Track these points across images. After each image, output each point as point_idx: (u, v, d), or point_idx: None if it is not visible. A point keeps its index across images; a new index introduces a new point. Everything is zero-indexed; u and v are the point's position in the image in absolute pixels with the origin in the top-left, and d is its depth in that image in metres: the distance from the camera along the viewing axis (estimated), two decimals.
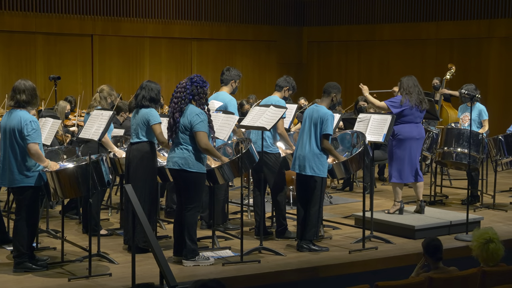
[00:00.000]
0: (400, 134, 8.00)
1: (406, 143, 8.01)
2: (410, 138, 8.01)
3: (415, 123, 8.08)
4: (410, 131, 8.02)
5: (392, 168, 8.11)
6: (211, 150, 6.38)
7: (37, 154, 6.00)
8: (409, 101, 7.97)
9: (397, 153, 8.06)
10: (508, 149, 9.10)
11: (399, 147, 8.04)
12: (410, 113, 8.01)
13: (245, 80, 16.27)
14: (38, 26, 14.23)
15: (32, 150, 5.98)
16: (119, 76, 15.26)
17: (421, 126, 8.19)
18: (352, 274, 6.61)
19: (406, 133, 8.00)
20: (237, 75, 7.89)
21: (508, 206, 9.33)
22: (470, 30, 15.11)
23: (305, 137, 7.00)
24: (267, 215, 7.92)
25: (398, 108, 7.98)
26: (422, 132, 8.19)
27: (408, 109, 7.99)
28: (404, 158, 8.03)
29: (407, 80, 8.11)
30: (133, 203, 5.09)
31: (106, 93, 7.69)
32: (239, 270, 6.30)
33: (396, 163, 8.07)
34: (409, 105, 7.97)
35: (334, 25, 17.38)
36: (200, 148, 6.32)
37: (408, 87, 8.04)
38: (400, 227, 7.65)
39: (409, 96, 7.99)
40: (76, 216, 8.24)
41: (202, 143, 6.29)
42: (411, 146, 8.03)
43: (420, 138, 8.14)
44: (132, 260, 5.10)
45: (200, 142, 6.29)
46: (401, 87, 8.10)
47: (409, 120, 8.02)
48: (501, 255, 5.11)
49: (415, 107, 8.00)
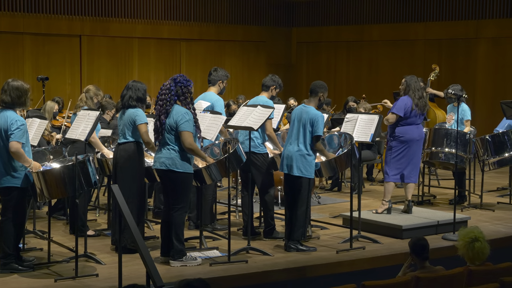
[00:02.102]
0: (402, 135, 8.02)
1: (407, 145, 8.04)
2: (411, 139, 8.04)
3: (416, 124, 8.10)
4: (411, 132, 8.04)
5: (390, 168, 8.11)
6: (195, 150, 6.36)
7: (17, 153, 5.94)
8: (416, 104, 7.99)
9: (398, 154, 8.06)
10: (495, 149, 9.14)
11: (400, 148, 8.05)
12: (413, 114, 8.03)
13: (234, 81, 16.28)
14: (26, 27, 14.16)
15: (13, 148, 5.92)
16: (108, 76, 15.22)
17: (421, 127, 8.22)
18: (339, 274, 6.61)
19: (407, 134, 8.03)
20: (224, 76, 7.89)
21: (495, 206, 9.37)
22: (458, 31, 15.17)
23: (293, 137, 7.00)
24: (255, 215, 7.92)
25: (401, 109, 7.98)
26: (422, 133, 8.22)
27: (411, 110, 8.00)
28: (406, 159, 8.05)
29: (414, 83, 8.04)
30: (120, 203, 5.07)
31: (92, 93, 7.66)
32: (226, 270, 6.29)
33: (397, 163, 8.08)
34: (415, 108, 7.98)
35: (323, 26, 17.41)
36: (185, 148, 6.30)
37: (416, 90, 8.03)
38: (388, 227, 7.66)
39: (417, 100, 7.99)
40: (63, 217, 8.22)
41: (187, 142, 6.28)
42: (412, 147, 8.06)
43: (420, 139, 8.17)
44: (119, 260, 5.08)
45: (184, 142, 6.28)
46: (409, 87, 8.06)
47: (411, 122, 8.05)
48: (487, 254, 5.13)
49: (415, 108, 8.02)
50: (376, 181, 11.25)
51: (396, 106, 8.07)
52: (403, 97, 8.09)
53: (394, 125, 8.10)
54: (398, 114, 8.01)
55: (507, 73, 14.68)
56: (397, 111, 8.02)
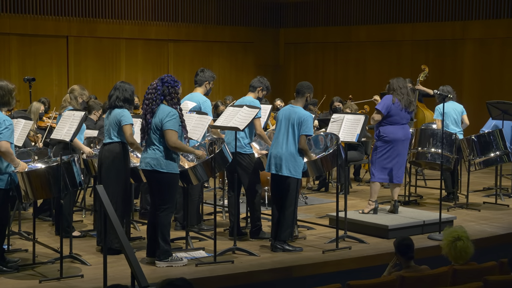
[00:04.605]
0: (386, 135, 8.03)
1: (392, 144, 8.05)
2: (396, 139, 8.05)
3: (401, 124, 8.11)
4: (396, 132, 8.05)
5: (376, 168, 8.13)
6: (180, 147, 6.33)
7: (7, 153, 5.91)
8: (399, 100, 8.01)
9: (383, 155, 8.08)
10: (481, 149, 9.17)
11: (384, 148, 8.06)
12: (396, 113, 8.04)
13: (222, 82, 16.27)
14: (13, 27, 14.09)
15: (2, 148, 5.89)
16: (95, 77, 15.16)
17: (407, 127, 8.22)
18: (325, 273, 6.62)
19: (392, 134, 8.04)
20: (211, 77, 7.89)
21: (481, 205, 9.41)
22: (444, 32, 15.24)
23: (281, 137, 7.00)
24: (242, 215, 7.91)
25: (385, 107, 8.01)
26: (408, 133, 8.22)
27: (396, 109, 8.02)
28: (390, 159, 8.06)
29: (396, 82, 8.13)
30: (104, 204, 5.05)
31: (77, 93, 7.62)
32: (212, 271, 6.28)
33: (382, 163, 8.10)
34: (398, 104, 8.00)
35: (311, 27, 17.44)
36: (169, 147, 6.27)
37: (398, 87, 8.07)
38: (374, 226, 7.68)
39: (399, 96, 8.03)
40: (49, 218, 8.18)
41: (171, 141, 6.26)
42: (397, 147, 8.06)
43: (406, 140, 8.17)
44: (103, 261, 5.06)
45: (168, 141, 6.26)
46: (391, 87, 8.12)
47: (395, 121, 8.06)
48: (470, 253, 5.13)
49: (404, 108, 8.04)
50: (363, 182, 11.27)
51: (380, 103, 8.12)
52: (386, 96, 8.15)
53: (379, 125, 8.12)
54: (380, 110, 8.03)
55: (493, 73, 14.77)
56: (379, 107, 8.05)
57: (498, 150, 9.16)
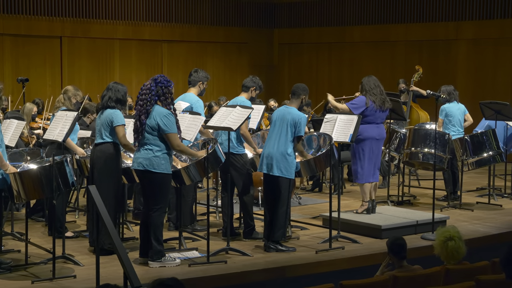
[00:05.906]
0: (360, 134, 8.00)
1: (366, 144, 8.03)
2: (370, 138, 8.02)
3: (376, 123, 8.09)
4: (370, 131, 8.03)
5: (360, 169, 8.13)
6: (185, 150, 6.41)
7: None
8: (373, 101, 8.01)
9: (357, 154, 8.08)
10: (474, 149, 9.20)
11: (359, 147, 8.06)
12: (371, 113, 8.03)
13: (216, 82, 16.26)
14: (6, 28, 14.05)
15: None
16: (89, 78, 15.13)
17: (382, 126, 8.20)
18: (319, 274, 6.62)
19: (366, 133, 8.01)
20: (204, 77, 7.89)
21: (474, 205, 9.42)
22: (438, 32, 15.26)
23: (274, 137, 7.01)
24: (235, 216, 7.91)
25: (359, 109, 8.00)
26: (382, 132, 8.19)
27: (371, 110, 8.02)
28: (364, 158, 8.05)
29: (367, 81, 8.13)
30: (97, 204, 5.05)
31: (71, 94, 7.61)
32: (205, 271, 6.28)
33: (356, 163, 8.10)
34: (372, 106, 8.00)
35: (305, 27, 17.44)
36: (174, 150, 6.34)
37: (370, 88, 8.07)
38: (367, 227, 7.69)
39: (373, 97, 8.03)
40: (42, 219, 8.16)
41: (175, 144, 6.29)
42: (371, 146, 8.04)
43: (380, 139, 8.14)
44: (96, 261, 5.06)
45: (173, 144, 6.29)
46: (363, 88, 8.13)
47: (369, 120, 8.04)
48: (462, 253, 5.14)
49: (378, 108, 8.04)
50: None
51: (354, 105, 8.06)
52: (360, 97, 8.13)
53: None
54: (348, 107, 8.04)
55: (486, 74, 14.80)
56: (352, 108, 8.02)
57: (491, 150, 9.19)
